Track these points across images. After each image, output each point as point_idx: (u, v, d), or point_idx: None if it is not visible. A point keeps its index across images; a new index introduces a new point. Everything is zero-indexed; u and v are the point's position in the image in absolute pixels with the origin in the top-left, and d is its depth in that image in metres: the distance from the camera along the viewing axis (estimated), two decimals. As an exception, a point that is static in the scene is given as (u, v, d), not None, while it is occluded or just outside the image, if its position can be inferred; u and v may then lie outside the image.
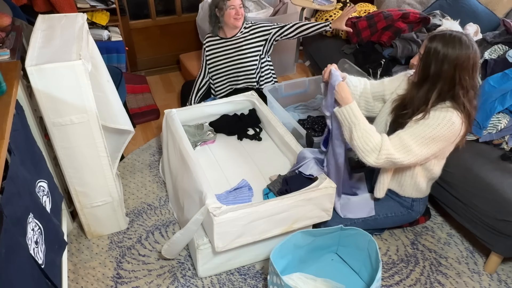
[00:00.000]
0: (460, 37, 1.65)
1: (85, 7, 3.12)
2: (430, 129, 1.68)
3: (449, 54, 1.63)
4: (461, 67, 1.64)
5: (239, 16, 2.62)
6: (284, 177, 2.06)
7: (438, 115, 1.69)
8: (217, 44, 2.79)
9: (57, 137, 1.79)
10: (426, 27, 2.90)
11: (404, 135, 1.71)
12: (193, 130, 2.44)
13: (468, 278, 2.01)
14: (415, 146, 1.69)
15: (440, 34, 1.68)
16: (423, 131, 1.69)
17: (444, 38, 1.65)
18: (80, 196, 2.00)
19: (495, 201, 1.86)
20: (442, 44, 1.64)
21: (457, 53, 1.63)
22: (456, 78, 1.66)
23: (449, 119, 1.67)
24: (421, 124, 1.70)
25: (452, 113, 1.68)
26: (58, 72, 1.62)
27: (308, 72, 3.82)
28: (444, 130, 1.67)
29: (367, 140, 1.70)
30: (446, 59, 1.64)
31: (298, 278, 1.85)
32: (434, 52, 1.66)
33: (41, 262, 1.36)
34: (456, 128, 1.68)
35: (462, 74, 1.65)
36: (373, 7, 3.60)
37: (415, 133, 1.70)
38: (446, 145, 1.74)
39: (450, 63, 1.64)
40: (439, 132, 1.67)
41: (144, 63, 3.89)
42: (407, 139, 1.70)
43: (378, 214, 2.01)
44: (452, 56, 1.63)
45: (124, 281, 1.98)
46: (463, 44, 1.63)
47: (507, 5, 3.08)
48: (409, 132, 1.71)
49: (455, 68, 1.64)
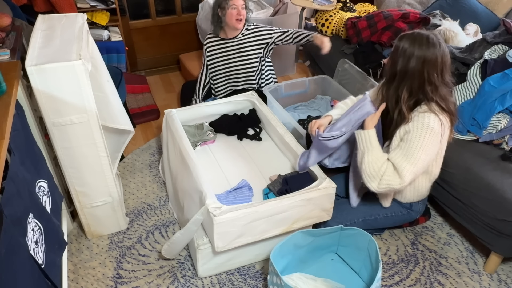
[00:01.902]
0: (428, 35, 1.68)
1: (85, 7, 3.12)
2: (415, 143, 1.70)
3: (415, 51, 1.66)
4: (429, 64, 1.67)
5: (241, 17, 2.61)
6: (284, 177, 2.06)
7: (416, 125, 1.70)
8: (218, 45, 2.78)
9: (57, 137, 1.79)
10: (426, 27, 2.90)
11: (395, 160, 1.73)
12: (193, 130, 2.44)
13: (468, 278, 2.01)
14: (408, 165, 1.70)
15: (408, 33, 1.72)
16: (410, 148, 1.70)
17: (411, 37, 1.69)
18: (80, 196, 2.00)
19: (495, 201, 1.86)
20: (409, 43, 1.67)
21: (423, 50, 1.66)
22: (425, 74, 1.68)
23: (427, 126, 1.68)
24: (406, 141, 1.72)
25: (429, 118, 1.69)
26: (58, 72, 1.62)
27: (308, 72, 3.82)
28: (427, 138, 1.69)
29: (374, 166, 1.74)
30: (413, 56, 1.67)
31: (298, 278, 1.85)
32: (402, 50, 1.69)
33: (41, 262, 1.36)
34: (436, 131, 1.70)
35: (431, 71, 1.67)
36: (373, 7, 3.60)
37: (405, 153, 1.71)
38: (435, 149, 1.74)
39: (417, 60, 1.67)
40: (423, 142, 1.69)
41: (144, 63, 3.89)
42: (399, 162, 1.71)
43: (378, 214, 2.01)
44: (418, 53, 1.66)
45: (124, 281, 1.98)
46: (430, 43, 1.66)
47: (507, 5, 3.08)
48: (400, 155, 1.72)
49: (423, 64, 1.67)
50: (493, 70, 2.15)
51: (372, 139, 1.77)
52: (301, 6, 3.44)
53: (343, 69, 2.84)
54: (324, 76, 2.86)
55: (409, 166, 1.70)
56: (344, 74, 2.83)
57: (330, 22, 3.33)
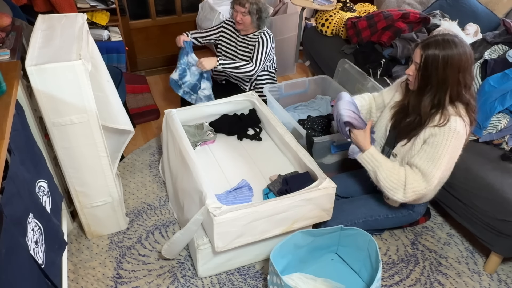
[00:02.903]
0: (453, 39, 1.64)
1: (85, 7, 3.12)
2: (440, 147, 1.67)
3: (450, 58, 1.62)
4: (464, 68, 1.64)
5: (240, 21, 2.64)
6: (284, 177, 2.06)
7: (443, 130, 1.67)
8: (230, 31, 2.82)
9: (57, 137, 1.79)
10: (426, 27, 2.90)
11: (420, 164, 1.70)
12: (193, 130, 2.44)
13: (468, 278, 2.01)
14: (434, 169, 1.68)
15: (433, 41, 1.66)
16: (436, 153, 1.68)
17: (439, 43, 1.64)
18: (80, 196, 2.00)
19: (495, 201, 1.86)
20: (440, 49, 1.62)
21: (456, 54, 1.62)
22: (461, 80, 1.65)
23: (454, 130, 1.66)
24: (431, 144, 1.69)
25: (455, 122, 1.66)
26: (58, 72, 1.62)
27: (308, 72, 3.82)
28: (453, 142, 1.67)
29: (392, 178, 1.74)
30: (448, 64, 1.62)
31: (298, 278, 1.85)
32: (434, 59, 1.63)
33: (41, 262, 1.36)
34: (462, 135, 1.68)
35: (465, 74, 1.65)
36: (373, 7, 3.60)
37: (430, 157, 1.69)
38: (459, 153, 1.74)
39: (453, 67, 1.63)
40: (449, 146, 1.67)
41: (144, 63, 3.89)
42: (426, 168, 1.69)
43: (379, 215, 2.00)
44: (453, 59, 1.62)
45: (124, 281, 1.98)
46: (458, 45, 1.63)
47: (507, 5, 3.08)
48: (423, 158, 1.70)
49: (459, 70, 1.63)
50: (493, 70, 2.15)
51: (376, 156, 1.78)
52: (301, 6, 3.45)
53: (343, 69, 2.84)
54: (324, 76, 2.86)
55: (435, 170, 1.68)
56: (344, 74, 2.83)
57: (330, 22, 3.33)
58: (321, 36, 3.41)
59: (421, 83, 1.71)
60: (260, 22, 2.68)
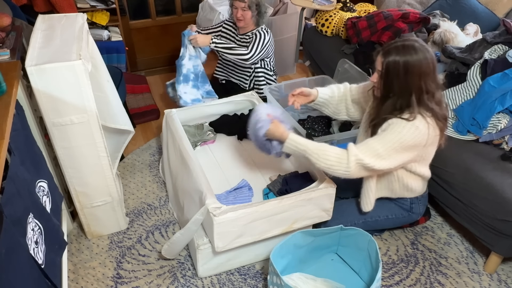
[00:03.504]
0: (413, 44, 1.63)
1: (85, 7, 3.12)
2: (395, 134, 1.66)
3: (410, 64, 1.61)
4: (425, 73, 1.62)
5: (241, 17, 2.64)
6: (284, 177, 2.06)
7: (400, 120, 1.67)
8: (230, 31, 2.84)
9: (57, 137, 1.79)
10: (426, 27, 2.90)
11: (372, 142, 1.70)
12: (193, 130, 2.44)
13: (468, 278, 2.01)
14: (384, 152, 1.67)
15: (393, 47, 1.65)
16: (389, 138, 1.67)
17: (399, 49, 1.63)
18: (80, 196, 2.00)
19: (495, 201, 1.86)
20: (400, 56, 1.62)
21: (416, 60, 1.61)
22: (422, 86, 1.64)
23: (412, 124, 1.65)
24: (387, 131, 1.68)
25: (417, 119, 1.66)
26: (58, 72, 1.62)
27: (308, 72, 3.82)
28: (409, 135, 1.65)
29: (325, 157, 1.70)
30: (409, 70, 1.61)
31: (298, 278, 1.85)
32: (394, 66, 1.63)
33: (41, 262, 1.36)
34: (421, 132, 1.66)
35: (427, 80, 1.63)
36: (373, 7, 3.60)
37: (382, 140, 1.68)
38: (418, 150, 1.71)
39: (413, 73, 1.62)
40: (404, 137, 1.65)
41: (144, 63, 3.89)
42: (376, 145, 1.68)
43: (379, 215, 2.00)
44: (414, 65, 1.61)
45: (124, 281, 1.98)
46: (419, 50, 1.61)
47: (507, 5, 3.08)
48: (377, 140, 1.70)
49: (420, 76, 1.62)
50: (493, 70, 2.15)
51: (298, 140, 1.75)
52: (301, 6, 3.45)
53: (343, 69, 2.84)
54: (324, 76, 2.86)
55: (382, 151, 1.66)
56: (344, 74, 2.83)
57: (330, 22, 3.33)
58: (321, 36, 3.41)
59: (384, 90, 1.72)
60: (259, 17, 2.69)
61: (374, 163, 1.67)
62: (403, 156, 1.70)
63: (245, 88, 2.85)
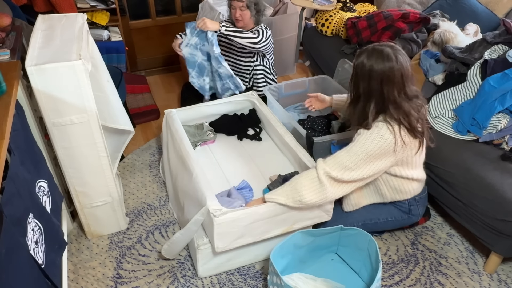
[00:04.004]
0: (383, 50, 1.62)
1: (85, 7, 3.12)
2: (360, 145, 1.68)
3: (374, 69, 1.62)
4: (387, 82, 1.62)
5: (240, 18, 2.64)
6: (284, 177, 2.06)
7: (366, 131, 1.69)
8: None
9: (57, 137, 1.79)
10: (426, 27, 2.90)
11: (340, 155, 1.72)
12: (193, 130, 2.44)
13: (468, 278, 2.01)
14: (350, 162, 1.69)
15: (365, 49, 1.67)
16: (355, 149, 1.69)
17: (369, 53, 1.64)
18: (80, 196, 2.00)
19: (495, 201, 1.86)
20: (367, 59, 1.63)
21: (380, 68, 1.61)
22: (385, 93, 1.64)
23: (377, 133, 1.66)
24: (354, 142, 1.71)
25: (381, 128, 1.67)
26: (58, 72, 1.62)
27: (308, 72, 3.82)
28: (374, 145, 1.66)
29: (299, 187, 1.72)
30: (372, 74, 1.63)
31: (298, 278, 1.85)
32: (362, 69, 1.65)
33: (41, 262, 1.36)
34: (387, 141, 1.66)
35: (389, 88, 1.63)
36: (373, 7, 3.60)
37: (349, 150, 1.71)
38: (387, 158, 1.71)
39: (376, 79, 1.63)
40: (369, 147, 1.67)
41: (144, 63, 3.89)
42: (343, 158, 1.71)
43: (378, 218, 2.01)
44: (376, 71, 1.61)
45: (124, 281, 1.98)
46: (387, 58, 1.61)
47: (507, 5, 3.08)
48: (345, 152, 1.72)
49: (381, 84, 1.63)
50: (493, 70, 2.15)
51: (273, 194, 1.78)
52: (301, 6, 3.44)
53: (343, 69, 2.84)
54: (324, 76, 2.86)
55: (350, 163, 1.68)
56: (344, 74, 2.83)
57: (330, 22, 3.33)
58: (321, 36, 3.41)
59: (353, 92, 1.75)
60: (258, 16, 2.67)
61: (342, 175, 1.70)
62: (374, 165, 1.71)
63: (245, 84, 2.84)
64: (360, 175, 1.71)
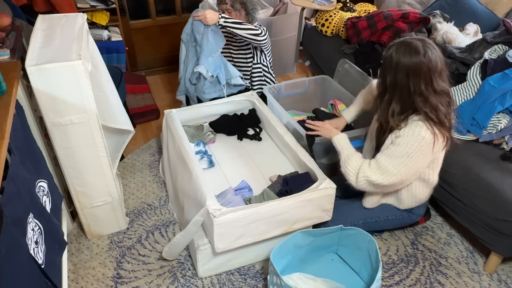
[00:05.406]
0: (411, 43, 1.62)
1: (85, 7, 3.12)
2: (402, 147, 1.68)
3: (401, 62, 1.62)
4: (413, 75, 1.62)
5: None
6: (284, 177, 2.06)
7: (407, 132, 1.68)
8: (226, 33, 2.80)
9: (57, 137, 1.79)
10: (426, 27, 2.90)
11: (380, 158, 1.73)
12: (193, 131, 2.44)
13: (468, 278, 2.01)
14: (392, 167, 1.70)
15: (395, 42, 1.66)
16: (396, 151, 1.69)
17: (397, 46, 1.64)
18: (80, 196, 2.00)
19: (495, 201, 1.86)
20: (396, 52, 1.63)
21: (407, 61, 1.60)
22: (411, 86, 1.64)
23: (417, 134, 1.66)
24: (395, 144, 1.71)
25: (421, 127, 1.66)
26: (58, 72, 1.62)
27: (308, 72, 3.82)
28: (415, 146, 1.66)
29: (347, 165, 1.81)
30: (398, 67, 1.62)
31: (298, 278, 1.85)
32: (389, 61, 1.65)
33: (41, 262, 1.36)
34: (427, 141, 1.67)
35: (416, 81, 1.62)
36: (373, 7, 3.60)
37: (390, 154, 1.71)
38: (426, 158, 1.72)
39: (402, 72, 1.62)
40: (411, 149, 1.67)
41: (144, 63, 3.89)
42: (383, 161, 1.72)
43: (379, 216, 2.01)
44: (403, 64, 1.61)
45: (124, 281, 1.98)
46: (412, 51, 1.60)
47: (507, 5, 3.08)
48: (385, 154, 1.73)
49: (407, 76, 1.62)
50: (493, 70, 2.15)
51: (341, 142, 1.88)
52: (301, 6, 3.44)
53: (343, 69, 2.84)
54: (324, 76, 2.86)
55: (391, 166, 1.69)
56: (344, 74, 2.83)
57: (330, 22, 3.33)
58: (321, 36, 3.41)
59: (381, 86, 1.75)
60: (249, 17, 2.62)
61: (382, 180, 1.72)
62: (410, 166, 1.70)
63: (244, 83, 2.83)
64: (398, 178, 1.72)
